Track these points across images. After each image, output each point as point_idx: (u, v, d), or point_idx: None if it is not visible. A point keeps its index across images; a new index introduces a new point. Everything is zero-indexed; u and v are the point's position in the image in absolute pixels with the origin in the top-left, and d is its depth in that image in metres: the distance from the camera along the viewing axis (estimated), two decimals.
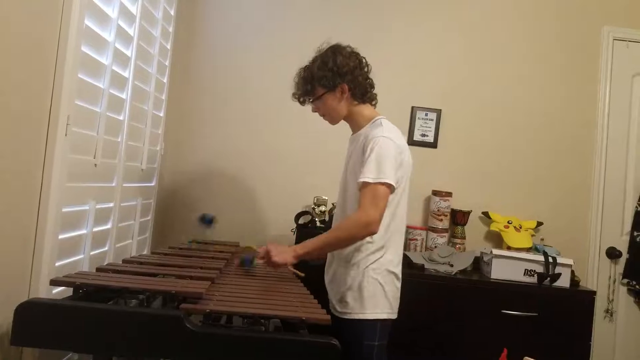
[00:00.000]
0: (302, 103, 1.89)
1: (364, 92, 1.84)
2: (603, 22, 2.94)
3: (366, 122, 1.84)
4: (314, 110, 1.91)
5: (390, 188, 1.68)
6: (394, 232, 1.79)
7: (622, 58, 2.94)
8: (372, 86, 1.88)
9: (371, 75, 1.91)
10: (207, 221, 2.25)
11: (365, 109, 1.86)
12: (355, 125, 1.88)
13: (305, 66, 1.87)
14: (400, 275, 1.84)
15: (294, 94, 1.89)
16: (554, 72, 2.94)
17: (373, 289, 1.74)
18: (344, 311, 1.76)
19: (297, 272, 1.77)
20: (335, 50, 1.83)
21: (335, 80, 1.79)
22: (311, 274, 1.87)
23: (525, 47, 2.94)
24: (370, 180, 1.65)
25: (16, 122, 1.30)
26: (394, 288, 1.80)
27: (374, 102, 1.91)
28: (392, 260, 1.80)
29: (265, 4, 2.90)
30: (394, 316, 1.80)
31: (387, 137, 1.71)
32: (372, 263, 1.75)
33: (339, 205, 1.93)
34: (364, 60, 1.87)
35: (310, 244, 1.72)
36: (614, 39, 2.94)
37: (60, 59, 1.44)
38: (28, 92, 1.34)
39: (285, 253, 1.70)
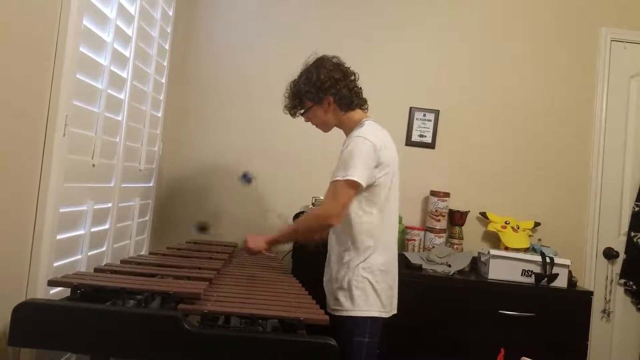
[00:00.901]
0: (293, 115, 2.00)
1: (349, 102, 1.91)
2: (601, 24, 2.95)
3: (354, 125, 1.90)
4: (306, 121, 2.00)
5: (355, 184, 1.73)
6: (384, 231, 1.83)
7: (619, 59, 2.95)
8: (358, 94, 1.95)
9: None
10: (247, 179, 2.29)
11: (355, 115, 1.93)
12: (347, 130, 1.95)
13: (293, 81, 1.96)
14: (395, 274, 1.88)
15: (285, 107, 1.99)
16: (551, 73, 2.94)
17: (363, 287, 1.78)
18: (336, 308, 1.80)
19: (269, 253, 2.01)
20: (319, 65, 1.91)
21: (319, 94, 1.88)
22: (309, 273, 1.89)
23: (524, 47, 2.95)
24: (339, 178, 1.74)
25: (14, 122, 1.30)
26: (386, 287, 1.82)
27: (365, 107, 1.98)
28: (384, 259, 1.83)
29: (264, 4, 2.90)
30: (387, 315, 1.83)
31: (361, 136, 1.78)
32: (361, 262, 1.79)
33: None
34: (348, 71, 1.94)
35: (280, 231, 1.96)
36: (611, 40, 2.94)
37: (58, 59, 1.44)
38: (26, 92, 1.34)
39: (257, 241, 1.92)
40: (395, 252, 1.89)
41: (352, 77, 1.93)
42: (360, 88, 1.96)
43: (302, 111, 1.96)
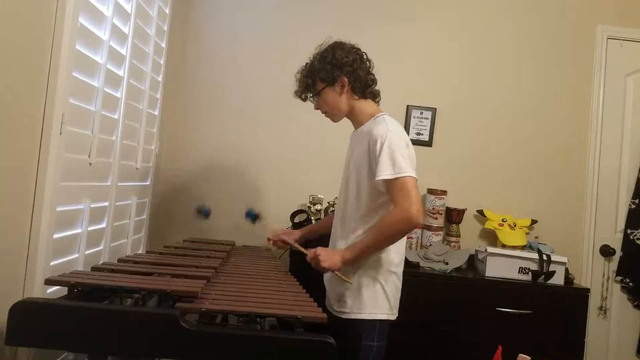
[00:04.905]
0: (304, 99, 1.89)
1: (364, 85, 1.82)
2: (597, 21, 2.96)
3: (368, 118, 1.82)
4: (316, 108, 1.90)
5: (414, 178, 1.64)
6: None
7: (615, 57, 2.95)
8: (373, 81, 1.86)
9: None
10: (251, 216, 2.15)
11: (368, 105, 1.85)
12: (357, 121, 1.86)
13: (307, 63, 1.87)
14: (401, 275, 1.82)
15: (295, 91, 1.88)
16: (548, 71, 2.95)
17: (373, 289, 1.73)
18: (342, 310, 1.75)
19: (345, 278, 1.71)
20: (335, 46, 1.83)
21: (334, 73, 1.78)
22: (307, 271, 1.88)
23: (520, 45, 2.95)
24: (389, 177, 1.63)
25: (10, 120, 1.29)
26: (394, 288, 1.78)
27: (377, 99, 1.90)
28: (394, 260, 1.77)
29: (261, 2, 2.90)
30: (394, 317, 1.78)
31: (392, 132, 1.70)
32: (372, 262, 1.73)
33: (341, 201, 1.89)
34: (365, 56, 1.85)
35: (357, 247, 1.69)
36: (608, 38, 2.95)
37: (54, 57, 1.43)
38: (22, 91, 1.33)
39: (334, 258, 1.68)
40: (403, 253, 1.84)
41: (368, 64, 1.85)
42: (376, 78, 1.87)
43: (313, 95, 1.85)
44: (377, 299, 1.73)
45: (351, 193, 1.80)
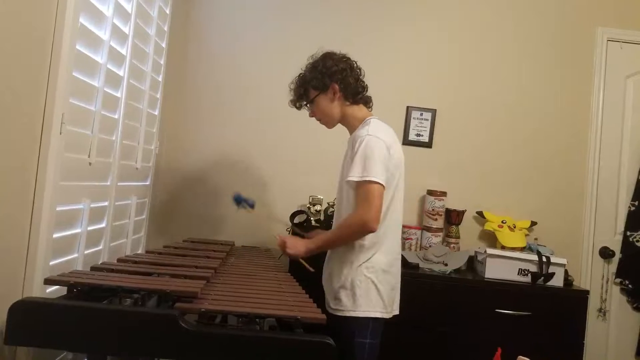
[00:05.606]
0: (299, 108, 1.98)
1: (354, 92, 1.89)
2: (597, 23, 2.96)
3: (359, 123, 1.89)
4: (311, 115, 1.98)
5: (380, 185, 1.72)
6: (387, 231, 1.81)
7: (615, 59, 2.95)
8: (364, 88, 1.94)
9: (367, 75, 1.97)
10: (240, 201, 2.26)
11: (358, 111, 1.91)
12: (350, 126, 1.93)
13: (300, 73, 1.95)
14: (398, 275, 1.87)
15: (290, 100, 1.97)
16: (547, 73, 2.95)
17: (366, 288, 1.77)
18: (337, 308, 1.79)
19: (308, 266, 1.88)
20: (325, 56, 1.93)
21: (325, 80, 1.87)
22: (307, 271, 1.90)
23: (520, 47, 2.95)
24: (356, 179, 1.72)
25: (10, 120, 1.29)
26: (388, 287, 1.81)
27: (369, 105, 1.97)
28: (387, 259, 1.81)
29: (262, 2, 2.90)
30: (388, 315, 1.81)
31: (372, 135, 1.76)
32: (365, 261, 1.78)
33: (337, 203, 1.98)
34: (354, 64, 1.94)
35: (319, 240, 1.87)
36: (608, 40, 2.95)
37: (55, 57, 1.43)
38: (22, 90, 1.33)
39: (297, 248, 1.86)
40: (398, 253, 1.89)
41: (358, 71, 1.93)
42: (366, 85, 1.95)
43: (307, 103, 1.94)
44: (370, 298, 1.77)
45: (345, 196, 1.86)
